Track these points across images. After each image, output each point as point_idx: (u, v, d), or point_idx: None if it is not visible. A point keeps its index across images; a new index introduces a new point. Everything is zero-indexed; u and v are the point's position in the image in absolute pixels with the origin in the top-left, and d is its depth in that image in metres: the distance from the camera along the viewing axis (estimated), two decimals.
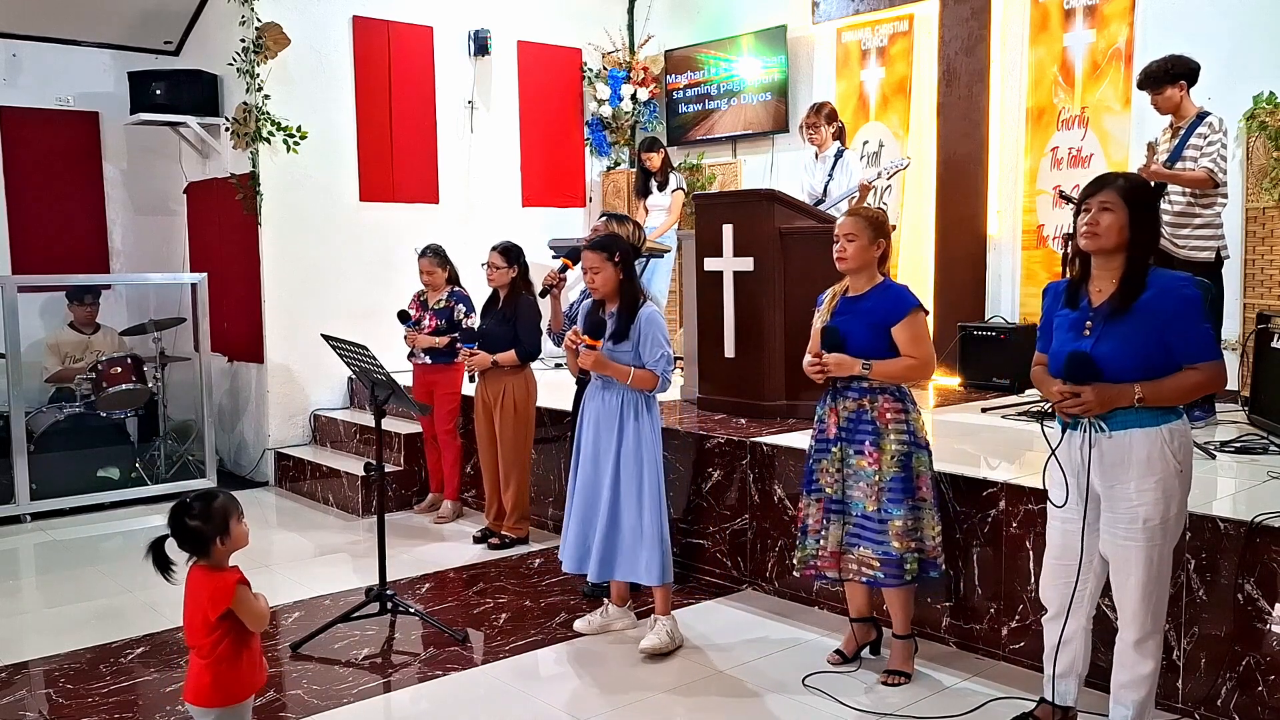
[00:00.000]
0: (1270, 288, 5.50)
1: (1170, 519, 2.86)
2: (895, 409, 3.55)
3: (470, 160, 7.98)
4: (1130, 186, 2.88)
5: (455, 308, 5.88)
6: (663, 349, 3.95)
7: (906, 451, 3.54)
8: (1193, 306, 2.82)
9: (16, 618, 4.62)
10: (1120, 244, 2.86)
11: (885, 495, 3.52)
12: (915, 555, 3.54)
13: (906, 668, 3.67)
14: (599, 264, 3.97)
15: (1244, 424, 4.74)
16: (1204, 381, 2.83)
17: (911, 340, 3.52)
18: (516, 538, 5.43)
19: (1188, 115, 4.79)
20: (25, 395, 6.31)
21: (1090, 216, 2.88)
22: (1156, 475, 2.82)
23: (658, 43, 8.70)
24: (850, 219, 3.62)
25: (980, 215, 6.81)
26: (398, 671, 3.91)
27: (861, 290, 3.63)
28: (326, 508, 6.52)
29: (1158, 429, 2.82)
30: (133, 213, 7.94)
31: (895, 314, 3.54)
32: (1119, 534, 2.88)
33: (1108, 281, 2.90)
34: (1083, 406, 2.82)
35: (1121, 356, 2.81)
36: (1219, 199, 4.74)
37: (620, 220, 4.78)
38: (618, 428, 3.99)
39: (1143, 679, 2.94)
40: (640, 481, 3.96)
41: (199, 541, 2.73)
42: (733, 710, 3.52)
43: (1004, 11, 6.68)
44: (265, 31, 6.86)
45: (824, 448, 3.66)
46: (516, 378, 5.33)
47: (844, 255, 3.59)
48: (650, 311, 4.01)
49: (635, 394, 4.00)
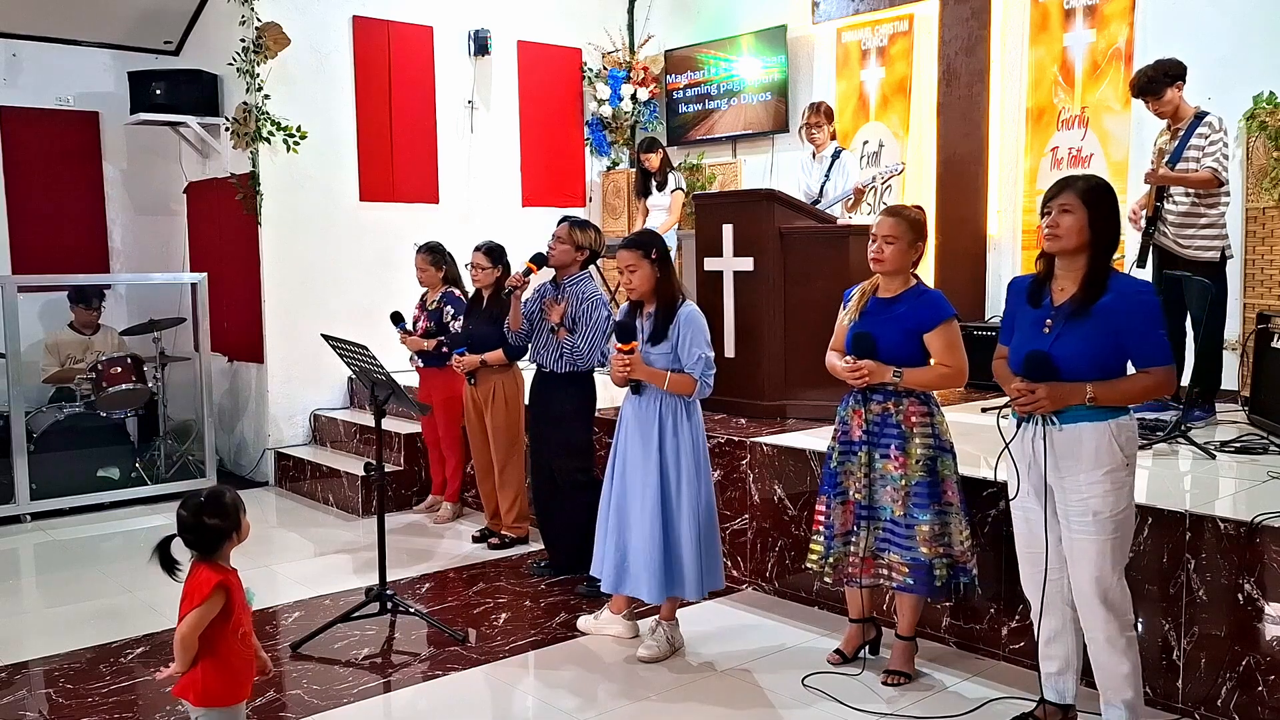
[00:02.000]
0: (1270, 288, 5.50)
1: (1120, 511, 2.93)
2: (921, 412, 3.51)
3: (470, 160, 7.98)
4: (1088, 188, 2.96)
5: (444, 309, 5.88)
6: (702, 350, 3.79)
7: (932, 455, 3.50)
8: (1150, 312, 2.92)
9: (16, 618, 4.62)
10: (1081, 244, 2.94)
11: (911, 500, 3.48)
12: (945, 561, 3.48)
13: (907, 668, 3.66)
14: (635, 262, 3.84)
15: (1244, 424, 4.74)
16: (1154, 386, 2.93)
17: (946, 348, 3.47)
18: (516, 537, 5.43)
19: (1185, 116, 4.79)
20: (25, 395, 6.31)
21: (1051, 218, 2.97)
22: (1105, 468, 2.90)
23: (658, 43, 8.70)
24: (891, 220, 3.50)
25: (980, 215, 6.81)
26: (398, 671, 3.91)
27: (894, 292, 3.55)
28: (326, 508, 6.52)
29: (1105, 423, 2.91)
30: (133, 213, 7.94)
31: (930, 321, 3.48)
32: (1073, 528, 2.96)
33: (1070, 281, 2.98)
34: (1036, 404, 2.92)
35: (1079, 356, 2.90)
36: (1223, 198, 4.74)
37: (583, 227, 4.80)
38: (657, 436, 3.83)
39: (1124, 679, 2.96)
40: (680, 494, 3.81)
41: (217, 539, 2.72)
42: (733, 710, 3.52)
43: (1004, 11, 6.68)
44: (265, 31, 6.86)
45: (849, 450, 3.60)
46: (506, 376, 5.33)
47: (881, 257, 3.50)
48: (690, 310, 3.87)
49: (673, 399, 3.84)
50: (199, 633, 2.66)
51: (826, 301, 3.99)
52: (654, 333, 3.85)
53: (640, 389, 3.89)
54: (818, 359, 3.79)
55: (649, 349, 3.85)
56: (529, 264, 4.89)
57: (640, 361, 3.81)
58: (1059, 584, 3.06)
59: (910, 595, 3.61)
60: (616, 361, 3.82)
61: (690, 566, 3.83)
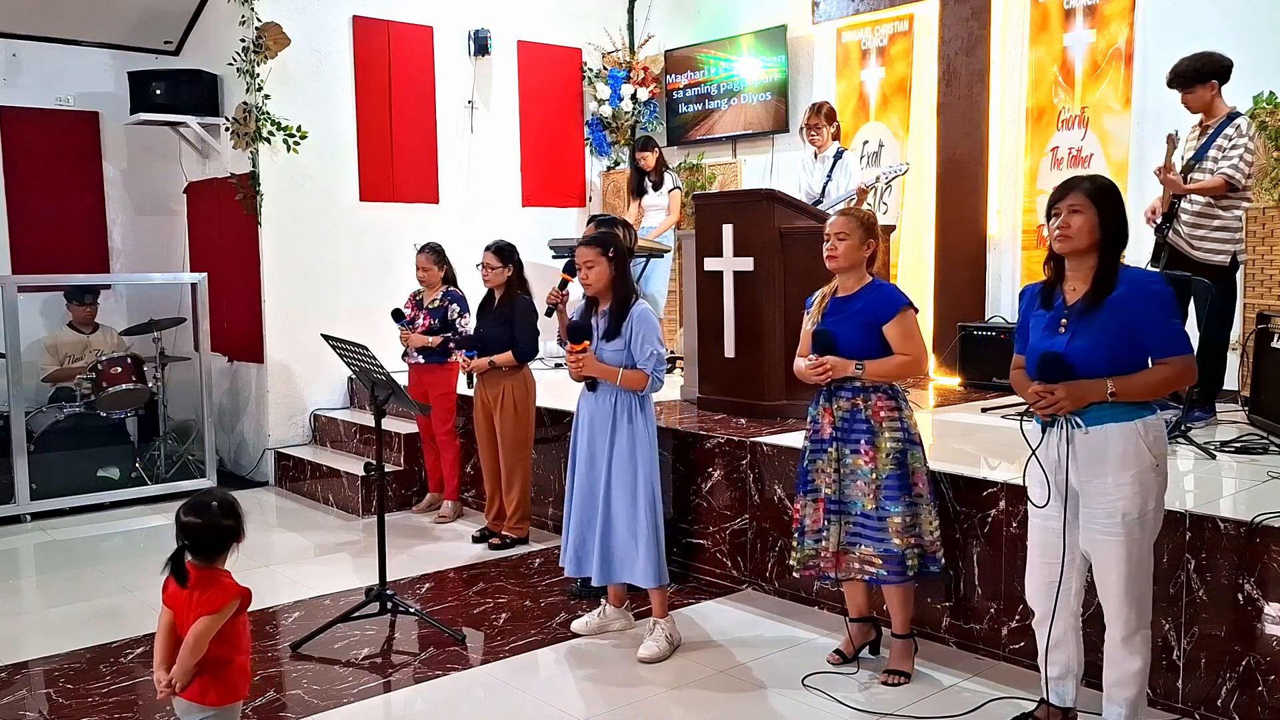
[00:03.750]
0: (1270, 288, 5.49)
1: (1148, 513, 2.89)
2: (889, 407, 3.58)
3: (470, 160, 7.98)
4: (1096, 188, 2.95)
5: (449, 307, 5.87)
6: (654, 347, 3.93)
7: (901, 449, 3.57)
8: (1163, 301, 2.89)
9: (16, 618, 4.62)
10: (1092, 244, 2.92)
11: (883, 493, 3.55)
12: (915, 551, 3.56)
13: (906, 667, 3.67)
14: (593, 259, 3.99)
15: (1244, 424, 4.74)
16: (1173, 376, 2.89)
17: (903, 337, 3.56)
18: (516, 538, 5.43)
19: (1218, 115, 4.77)
20: (25, 395, 6.31)
21: (1061, 220, 2.94)
22: (1133, 470, 2.86)
23: (658, 43, 8.70)
24: (841, 218, 3.65)
25: (980, 215, 6.81)
26: (398, 671, 3.91)
27: (851, 290, 3.66)
28: (326, 508, 6.52)
29: (1133, 423, 2.86)
30: (133, 213, 7.94)
31: (886, 313, 3.58)
32: (1097, 530, 2.91)
33: (1081, 280, 2.96)
34: (1056, 405, 2.88)
35: (1094, 351, 2.87)
36: (1240, 201, 4.73)
37: (610, 223, 4.79)
38: (610, 430, 3.98)
39: (1132, 676, 2.95)
40: (635, 484, 3.95)
41: (226, 541, 2.73)
42: (732, 710, 3.52)
43: (1004, 11, 6.68)
44: (265, 31, 6.86)
45: (819, 448, 3.68)
46: (515, 378, 5.32)
47: (834, 254, 3.63)
48: (643, 309, 4.01)
49: (628, 395, 3.99)
50: (209, 639, 2.67)
51: None
52: (608, 330, 3.99)
53: (594, 385, 4.03)
54: None
55: (603, 345, 4.00)
56: (563, 274, 4.81)
57: (592, 359, 3.96)
58: (1069, 592, 3.03)
59: (898, 591, 3.65)
60: (570, 360, 3.99)
61: (645, 553, 3.94)
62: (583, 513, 4.09)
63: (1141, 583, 2.92)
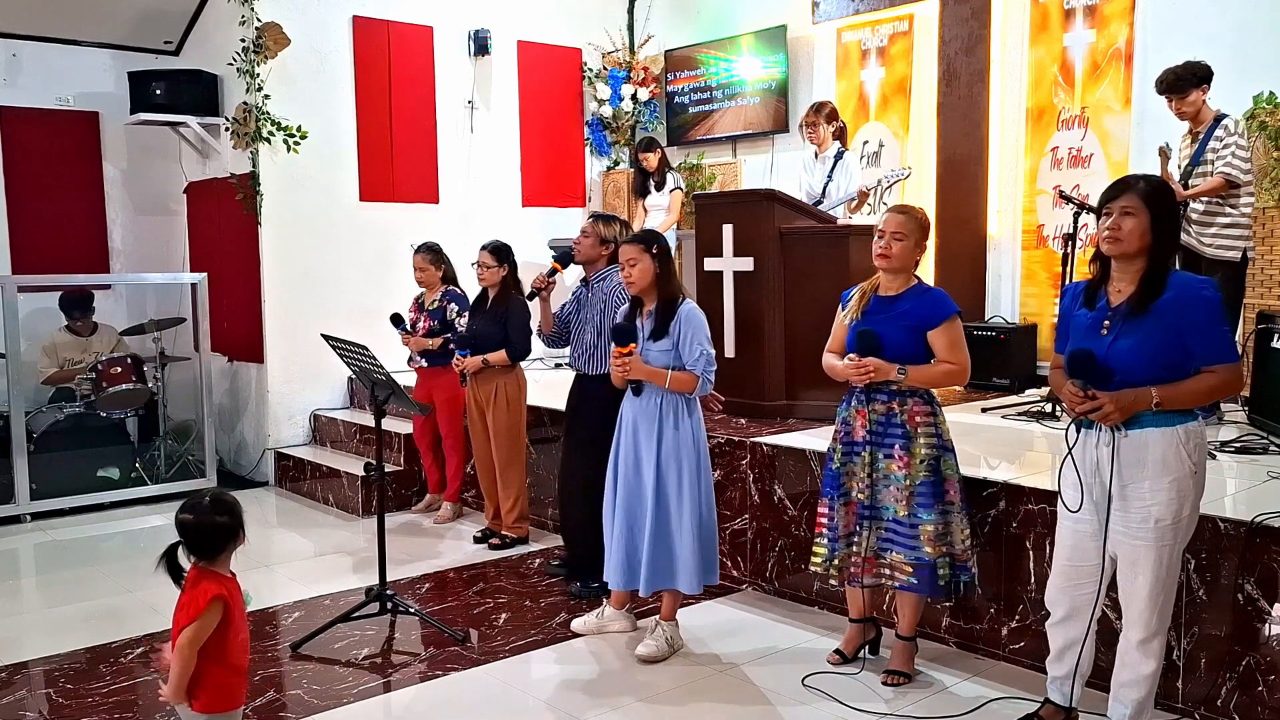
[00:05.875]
0: (1270, 288, 5.50)
1: (1183, 520, 2.86)
2: (924, 412, 3.50)
3: (470, 160, 7.98)
4: (1151, 190, 2.87)
5: (449, 307, 5.87)
6: (703, 347, 3.81)
7: (935, 455, 3.49)
8: (1212, 309, 2.82)
9: (16, 618, 4.62)
10: (1142, 248, 2.85)
11: (916, 500, 3.47)
12: (947, 560, 3.48)
13: (907, 668, 3.66)
14: (636, 255, 3.86)
15: (1244, 424, 4.74)
16: (1220, 384, 2.83)
17: (950, 345, 3.46)
18: (516, 538, 5.43)
19: (1206, 120, 4.80)
20: (25, 395, 6.31)
21: (1112, 221, 2.86)
22: (1171, 475, 2.81)
23: (658, 43, 8.70)
24: (900, 217, 3.51)
25: (980, 215, 6.81)
26: (398, 671, 3.91)
27: (896, 291, 3.54)
28: (326, 508, 6.52)
29: (1174, 429, 2.82)
30: (133, 213, 7.94)
31: (934, 318, 3.47)
32: (1131, 533, 2.87)
33: (1127, 282, 2.89)
34: (1104, 416, 2.81)
35: (1137, 354, 2.81)
36: (1245, 196, 4.75)
37: (608, 220, 4.74)
38: (657, 433, 3.83)
39: (1144, 678, 2.94)
40: (680, 489, 3.82)
41: (223, 539, 2.69)
42: (733, 710, 3.52)
43: (1004, 11, 6.68)
44: (265, 31, 6.86)
45: (851, 451, 3.58)
46: (508, 377, 5.32)
47: (888, 253, 3.49)
48: (690, 308, 3.89)
49: (674, 397, 3.84)
50: (198, 648, 2.61)
51: (827, 301, 3.98)
52: (655, 329, 3.86)
53: (640, 389, 3.89)
54: (818, 359, 3.78)
55: (649, 346, 3.86)
56: (554, 264, 4.83)
57: (639, 362, 3.81)
58: (1090, 596, 3.00)
59: (911, 596, 3.61)
60: (615, 363, 3.83)
61: (689, 560, 3.83)
62: (628, 520, 3.92)
63: (1168, 588, 2.89)
